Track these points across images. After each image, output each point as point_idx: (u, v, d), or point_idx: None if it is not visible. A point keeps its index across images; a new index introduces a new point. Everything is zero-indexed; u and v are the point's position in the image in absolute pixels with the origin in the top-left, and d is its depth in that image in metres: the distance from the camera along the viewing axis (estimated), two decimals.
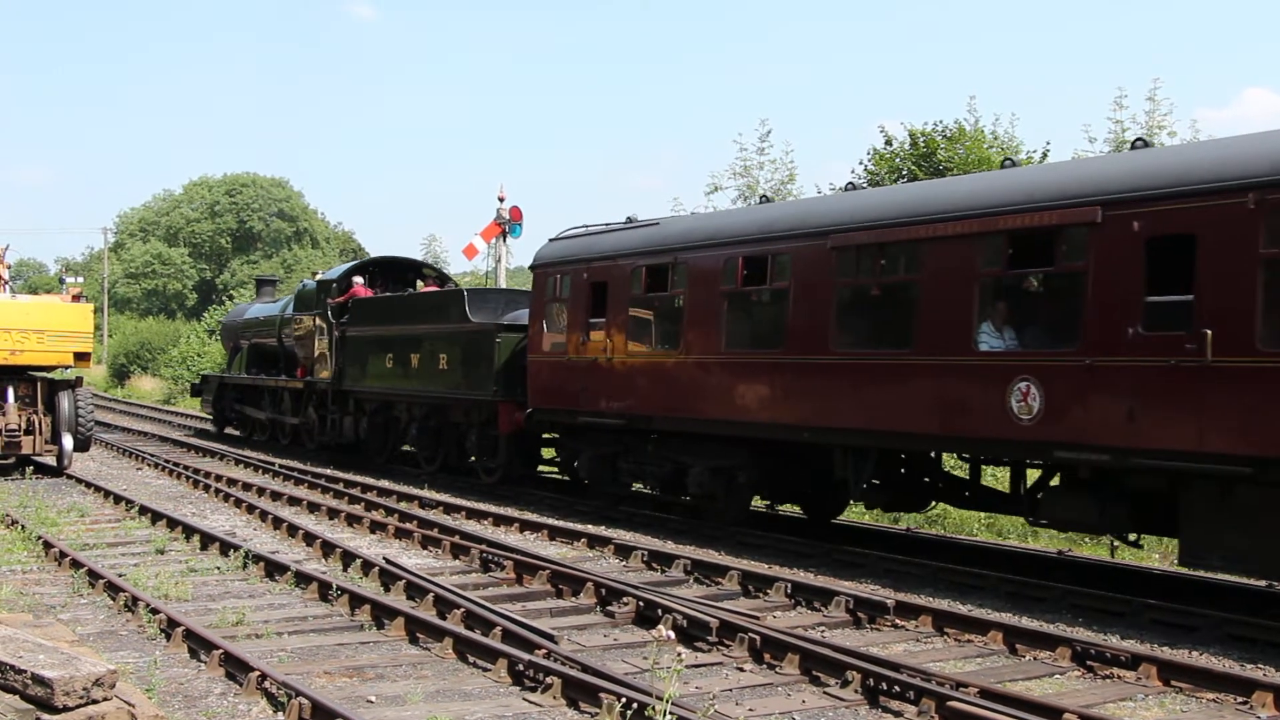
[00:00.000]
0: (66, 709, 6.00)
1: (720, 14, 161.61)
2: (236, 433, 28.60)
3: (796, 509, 16.46)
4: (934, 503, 14.24)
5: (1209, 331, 9.46)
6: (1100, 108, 52.40)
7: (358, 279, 23.80)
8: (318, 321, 23.48)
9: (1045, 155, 26.47)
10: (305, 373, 24.24)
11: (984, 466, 13.49)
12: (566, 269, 17.00)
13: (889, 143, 27.72)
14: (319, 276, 25.27)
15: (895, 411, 12.15)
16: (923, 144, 26.69)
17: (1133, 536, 11.54)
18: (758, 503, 16.41)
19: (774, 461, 14.41)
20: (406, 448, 21.67)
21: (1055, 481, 11.74)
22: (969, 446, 12.17)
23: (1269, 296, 9.24)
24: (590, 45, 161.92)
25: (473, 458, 19.61)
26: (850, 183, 15.05)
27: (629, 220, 16.89)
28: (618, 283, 15.90)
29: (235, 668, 8.00)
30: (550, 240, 18.17)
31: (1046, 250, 11.00)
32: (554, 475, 20.02)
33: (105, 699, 6.19)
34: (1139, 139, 11.73)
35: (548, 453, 19.52)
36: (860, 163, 30.33)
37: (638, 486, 16.84)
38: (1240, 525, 9.59)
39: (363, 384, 21.72)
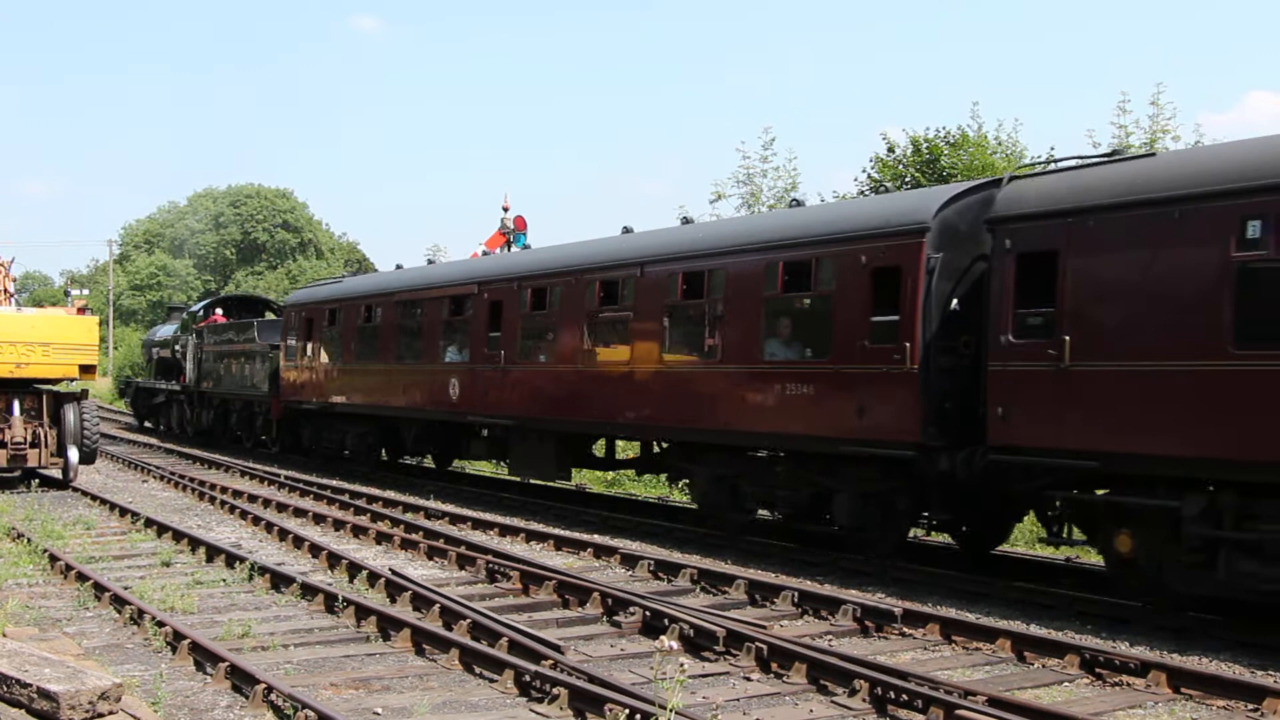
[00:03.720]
0: None
1: (723, 21, 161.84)
2: (150, 424, 36.99)
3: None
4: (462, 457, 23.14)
5: (502, 351, 18.28)
6: (1104, 112, 52.45)
7: (218, 310, 33.07)
8: (189, 340, 32.09)
9: (1050, 160, 26.41)
10: (185, 379, 32.47)
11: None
12: (296, 309, 25.99)
13: (891, 150, 27.72)
14: (192, 308, 35.12)
15: (416, 396, 20.93)
16: (926, 150, 26.68)
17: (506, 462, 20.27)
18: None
19: (389, 431, 22.75)
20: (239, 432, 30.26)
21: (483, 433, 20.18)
22: (442, 416, 20.33)
23: (506, 334, 18.36)
24: (593, 54, 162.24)
25: (264, 436, 28.12)
26: (430, 259, 24.67)
27: (341, 277, 26.50)
28: (317, 318, 24.78)
29: (241, 680, 7.98)
30: (294, 290, 30.55)
31: (461, 306, 19.85)
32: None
33: (111, 712, 6.19)
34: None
35: None
36: (863, 170, 30.33)
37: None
38: (523, 451, 18.44)
39: (210, 387, 30.58)
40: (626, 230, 17.71)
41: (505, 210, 27.46)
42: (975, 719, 7.06)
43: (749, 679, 8.47)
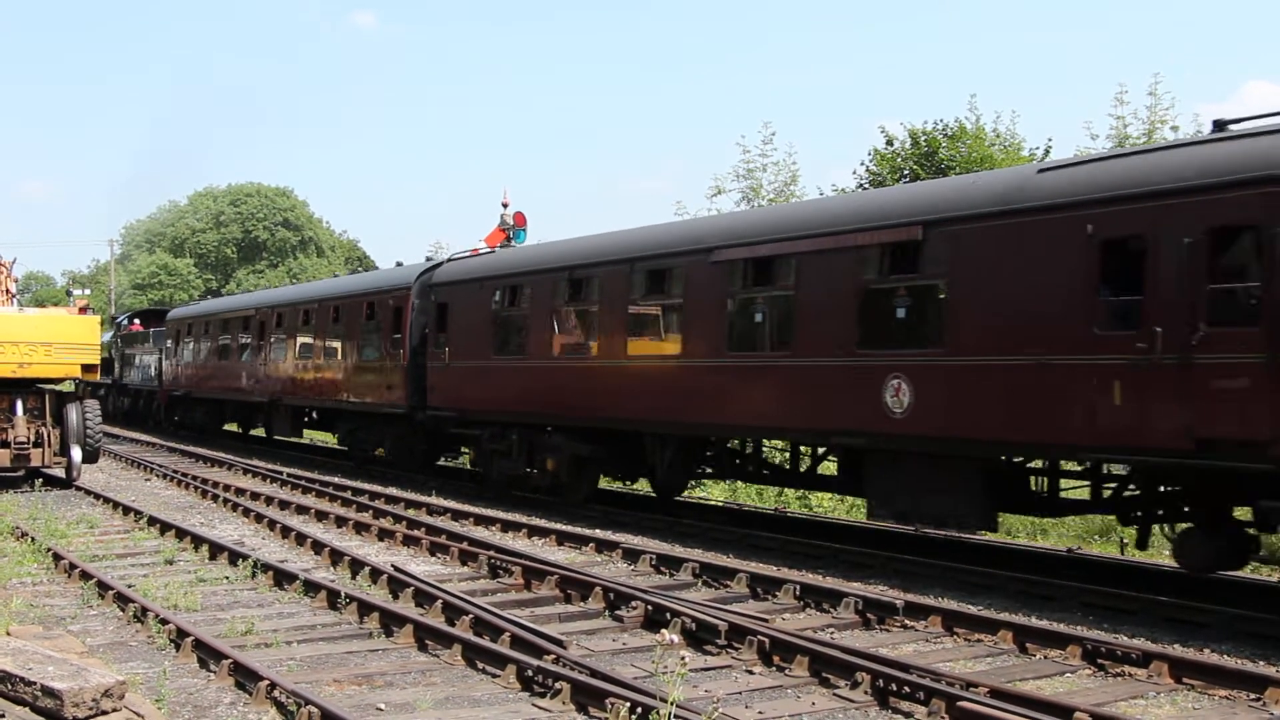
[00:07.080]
0: None
1: (722, 19, 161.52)
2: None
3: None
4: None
5: (264, 353, 28.19)
6: (1102, 103, 52.30)
7: (137, 320, 41.32)
8: (117, 344, 41.19)
9: (1048, 152, 26.43)
10: (115, 376, 41.16)
11: (259, 405, 29.05)
12: (172, 322, 35.56)
13: (890, 143, 27.71)
14: (117, 319, 45.01)
15: (229, 385, 30.44)
16: (924, 144, 26.67)
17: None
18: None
19: (222, 410, 32.22)
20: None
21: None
22: (242, 398, 29.38)
23: (267, 341, 28.38)
24: (593, 51, 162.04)
25: (158, 417, 36.94)
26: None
27: (203, 298, 44.56)
28: (183, 329, 34.31)
29: (245, 677, 8.00)
30: (173, 311, 38.51)
31: (247, 324, 29.75)
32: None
33: (115, 710, 6.21)
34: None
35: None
36: (862, 163, 30.34)
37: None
38: (276, 420, 27.88)
39: (126, 381, 40.82)
40: (399, 263, 25.82)
41: (505, 206, 27.40)
42: (977, 710, 7.07)
43: (751, 672, 8.49)
